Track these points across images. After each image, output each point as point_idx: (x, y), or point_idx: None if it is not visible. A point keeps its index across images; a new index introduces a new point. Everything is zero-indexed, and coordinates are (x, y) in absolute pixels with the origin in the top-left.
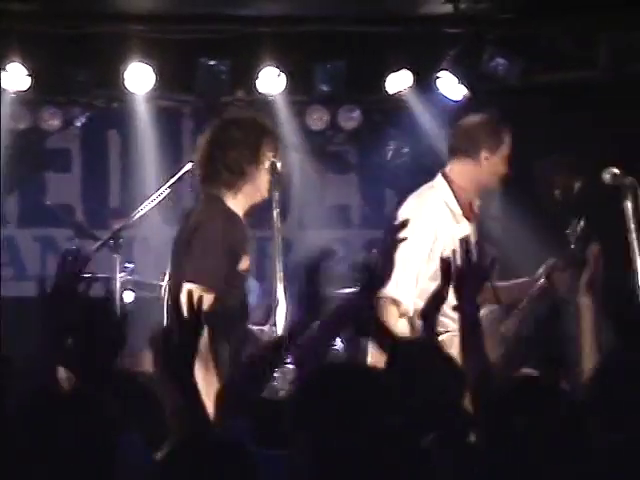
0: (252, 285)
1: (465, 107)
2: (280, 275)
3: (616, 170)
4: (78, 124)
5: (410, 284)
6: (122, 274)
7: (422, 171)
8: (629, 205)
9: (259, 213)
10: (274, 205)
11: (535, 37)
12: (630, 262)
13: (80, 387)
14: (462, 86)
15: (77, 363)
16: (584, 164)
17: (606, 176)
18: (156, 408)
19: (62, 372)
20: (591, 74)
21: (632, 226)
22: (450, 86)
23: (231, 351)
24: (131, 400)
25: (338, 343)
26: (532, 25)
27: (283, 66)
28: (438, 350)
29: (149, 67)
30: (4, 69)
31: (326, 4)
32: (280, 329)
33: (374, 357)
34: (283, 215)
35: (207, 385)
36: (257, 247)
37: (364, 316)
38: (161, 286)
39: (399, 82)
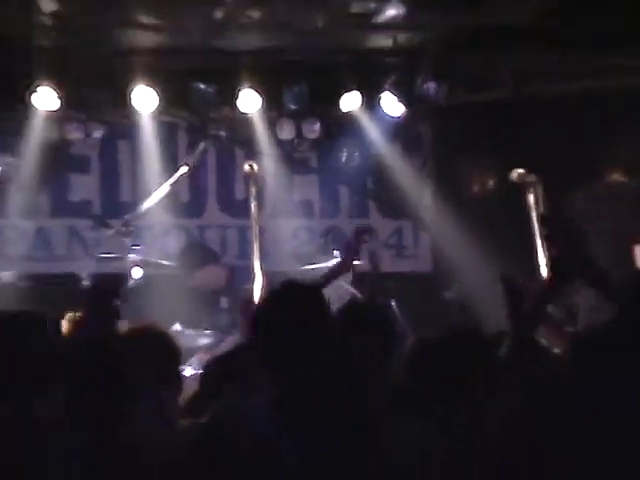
0: None
1: (403, 121)
2: (257, 254)
3: (521, 170)
4: (96, 136)
5: None
6: (132, 255)
7: (368, 171)
8: (531, 198)
9: (241, 206)
10: (252, 200)
11: (456, 65)
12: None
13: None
14: (400, 104)
15: None
16: (496, 165)
17: (513, 175)
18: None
19: None
20: (499, 94)
21: (534, 216)
22: (391, 105)
23: None
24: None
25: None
26: (455, 55)
27: (258, 88)
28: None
29: (152, 90)
30: (36, 91)
31: (292, 38)
32: (257, 297)
33: None
34: (259, 207)
35: None
36: (238, 233)
37: None
38: (165, 265)
39: (350, 101)
